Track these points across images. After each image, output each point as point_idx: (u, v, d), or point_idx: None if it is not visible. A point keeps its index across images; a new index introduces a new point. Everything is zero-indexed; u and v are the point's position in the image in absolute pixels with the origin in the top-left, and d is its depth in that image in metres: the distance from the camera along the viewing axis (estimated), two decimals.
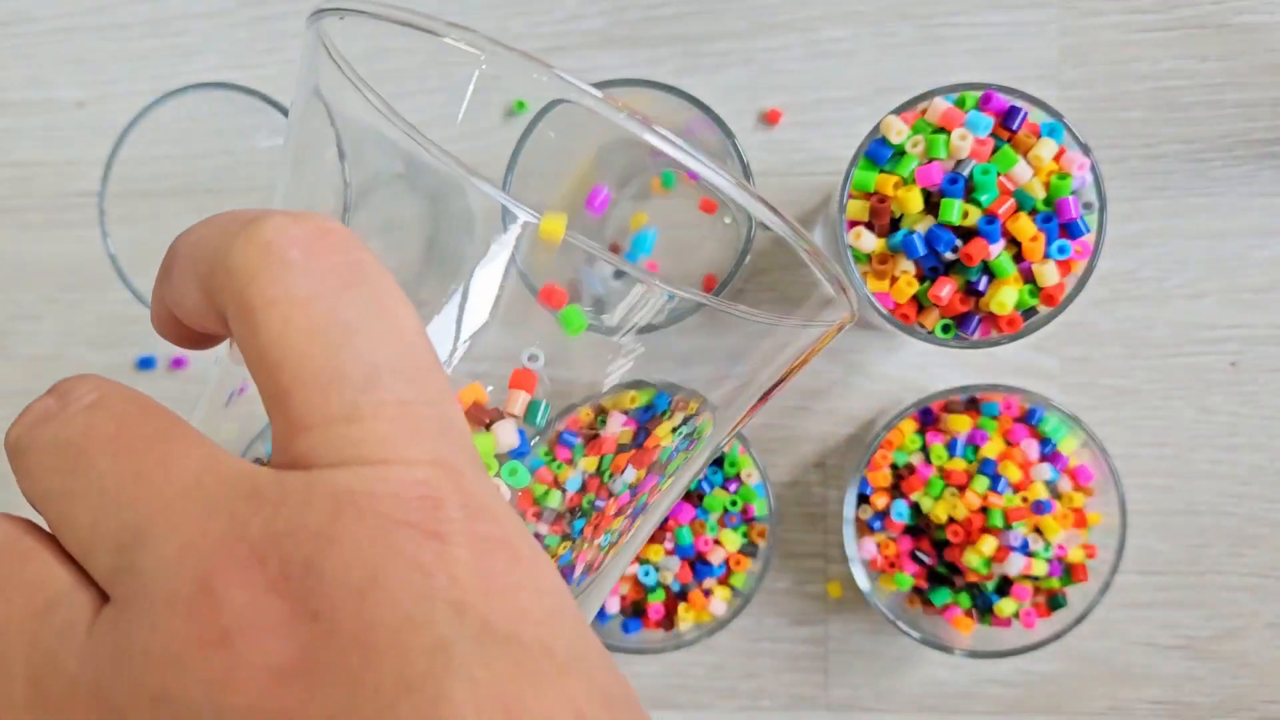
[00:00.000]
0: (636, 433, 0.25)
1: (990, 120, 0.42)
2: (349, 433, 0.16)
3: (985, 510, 0.47)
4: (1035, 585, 0.48)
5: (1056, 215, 0.42)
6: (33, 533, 0.17)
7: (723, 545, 0.49)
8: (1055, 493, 0.48)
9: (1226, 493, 0.51)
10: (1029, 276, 0.42)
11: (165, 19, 0.55)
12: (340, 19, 0.22)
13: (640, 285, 0.23)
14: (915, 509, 0.48)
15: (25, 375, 0.57)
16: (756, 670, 0.53)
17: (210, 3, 0.55)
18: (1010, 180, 0.42)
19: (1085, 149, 0.42)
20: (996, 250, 0.41)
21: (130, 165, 0.51)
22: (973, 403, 0.49)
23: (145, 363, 0.55)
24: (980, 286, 0.42)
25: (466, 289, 0.22)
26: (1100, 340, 0.51)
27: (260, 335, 0.16)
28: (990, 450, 0.48)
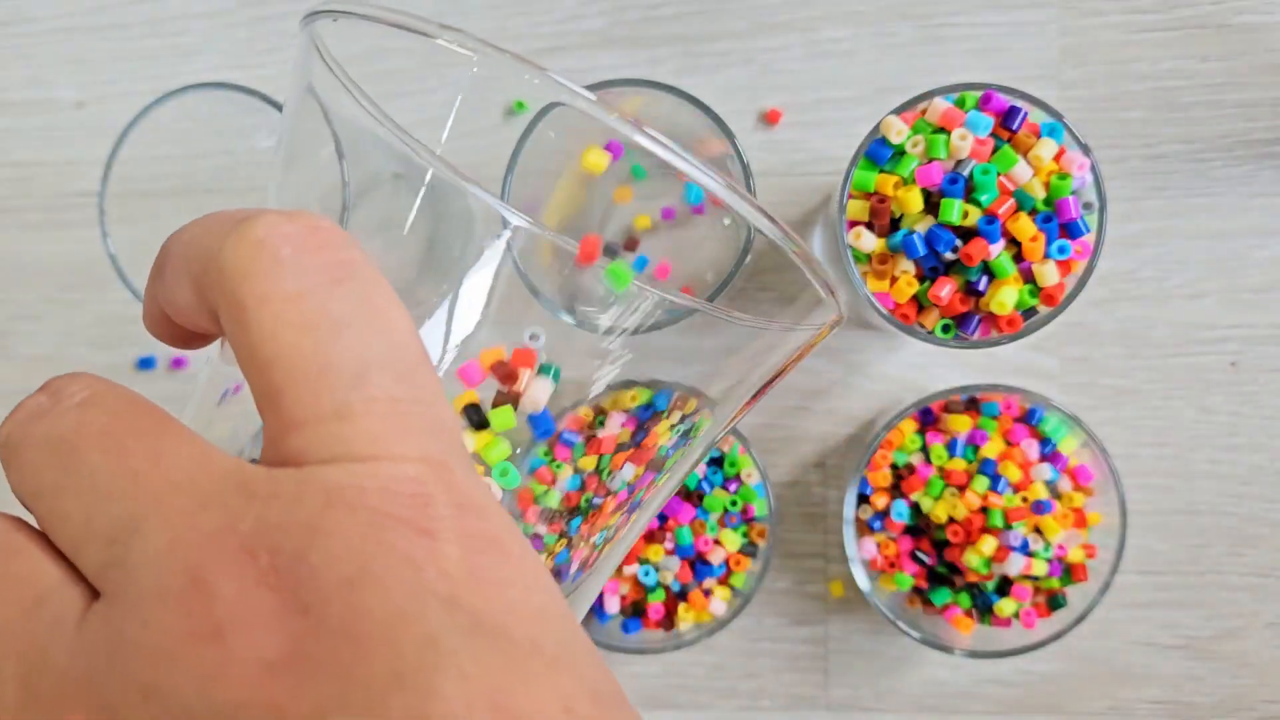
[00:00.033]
0: (636, 431, 0.25)
1: (990, 120, 0.42)
2: (340, 430, 0.16)
3: (985, 510, 0.47)
4: (1035, 585, 0.48)
5: (1056, 215, 0.42)
6: (22, 529, 0.17)
7: (723, 545, 0.49)
8: (1055, 493, 0.48)
9: (1226, 493, 0.51)
10: (1029, 276, 0.42)
11: (165, 19, 0.55)
12: (333, 21, 0.22)
13: (642, 291, 0.23)
14: (915, 509, 0.48)
15: (25, 375, 0.57)
16: (756, 670, 0.53)
17: (210, 3, 0.55)
18: (1010, 180, 0.42)
19: (1085, 149, 0.42)
20: (996, 250, 0.41)
21: (130, 165, 0.51)
22: (973, 403, 0.49)
23: (145, 363, 0.56)
24: (980, 286, 0.42)
25: (466, 289, 0.23)
26: (1100, 340, 0.51)
27: (251, 332, 0.16)
28: (990, 450, 0.48)
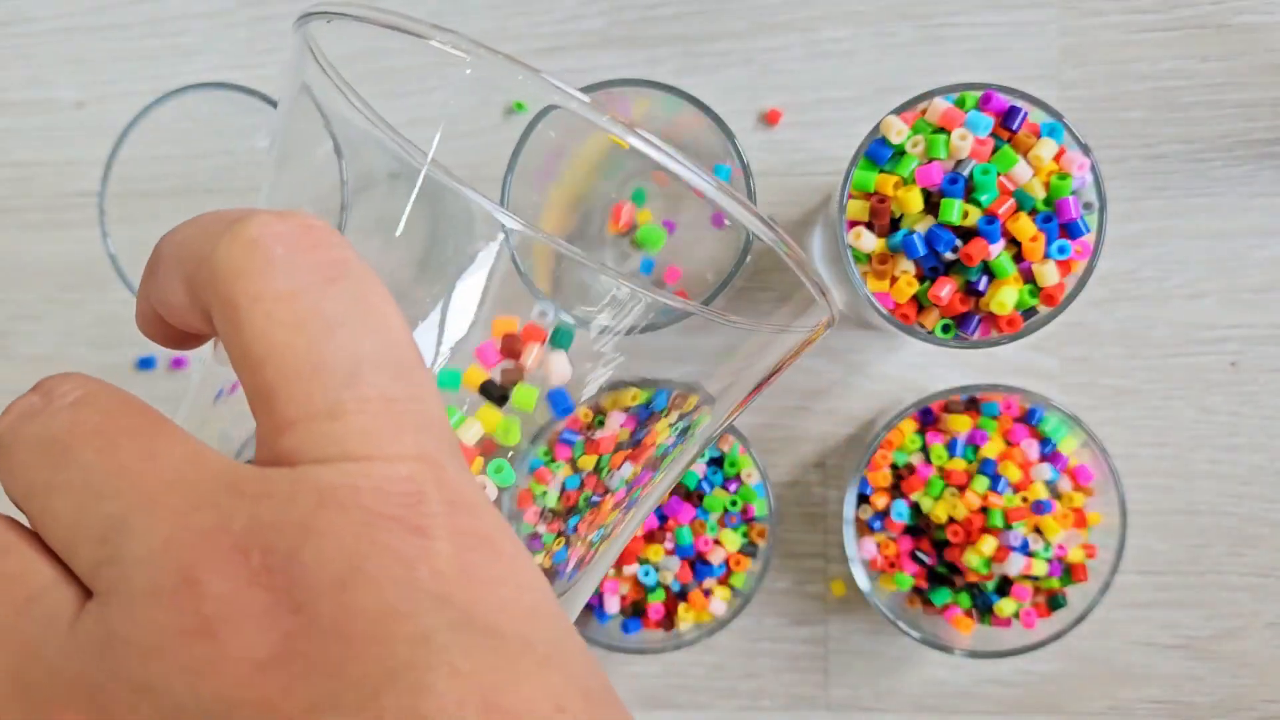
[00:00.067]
0: (635, 430, 0.25)
1: (990, 120, 0.42)
2: (332, 428, 0.16)
3: (985, 510, 0.47)
4: (1035, 585, 0.48)
5: (1056, 215, 0.42)
6: (13, 529, 0.17)
7: (723, 545, 0.49)
8: (1055, 493, 0.48)
9: (1226, 493, 0.51)
10: (1029, 276, 0.42)
11: (165, 19, 0.55)
12: (327, 22, 0.22)
13: (637, 293, 0.23)
14: (915, 509, 0.48)
15: (25, 375, 0.57)
16: (756, 670, 0.53)
17: (210, 3, 0.55)
18: (1010, 180, 0.42)
19: (1085, 149, 0.42)
20: (996, 250, 0.41)
21: (130, 165, 0.51)
22: (973, 403, 0.49)
23: (145, 363, 0.56)
24: (980, 286, 0.42)
25: (466, 288, 0.23)
26: (1100, 340, 0.51)
27: (244, 331, 0.16)
28: (990, 450, 0.48)
